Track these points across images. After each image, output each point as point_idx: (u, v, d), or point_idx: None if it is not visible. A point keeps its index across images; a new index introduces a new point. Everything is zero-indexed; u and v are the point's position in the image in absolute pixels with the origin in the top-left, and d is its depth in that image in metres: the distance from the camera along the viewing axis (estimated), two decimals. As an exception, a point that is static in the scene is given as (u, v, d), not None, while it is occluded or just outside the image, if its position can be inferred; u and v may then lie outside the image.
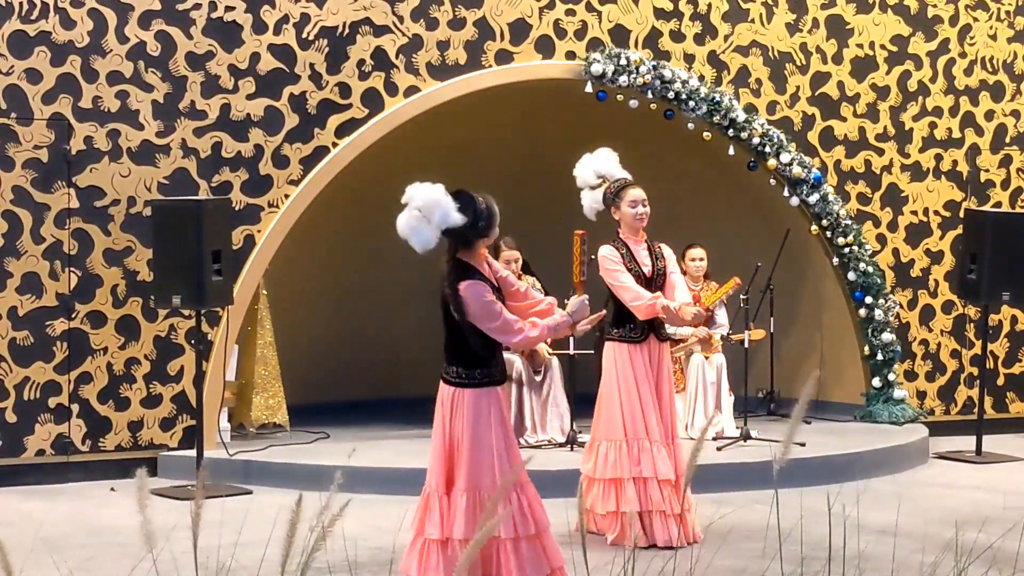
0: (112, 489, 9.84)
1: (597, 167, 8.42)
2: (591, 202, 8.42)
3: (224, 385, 10.45)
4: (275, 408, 10.98)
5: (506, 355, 10.84)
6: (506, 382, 7.30)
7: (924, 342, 12.33)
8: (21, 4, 10.00)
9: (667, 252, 8.34)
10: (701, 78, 11.51)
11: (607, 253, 8.13)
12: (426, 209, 6.51)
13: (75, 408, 10.20)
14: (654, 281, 8.11)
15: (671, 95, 11.29)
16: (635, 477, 7.96)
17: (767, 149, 11.54)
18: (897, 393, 11.88)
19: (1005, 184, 12.51)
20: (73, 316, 10.18)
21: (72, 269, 10.17)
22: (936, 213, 12.35)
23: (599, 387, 8.35)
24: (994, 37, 12.41)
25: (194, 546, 3.28)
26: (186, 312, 10.16)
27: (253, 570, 4.59)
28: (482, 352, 6.54)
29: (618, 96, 11.21)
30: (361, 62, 10.76)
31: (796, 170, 11.61)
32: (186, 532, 3.27)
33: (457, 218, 6.50)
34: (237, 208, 10.43)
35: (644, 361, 8.10)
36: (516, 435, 10.60)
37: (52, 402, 10.14)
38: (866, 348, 11.92)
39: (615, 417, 8.04)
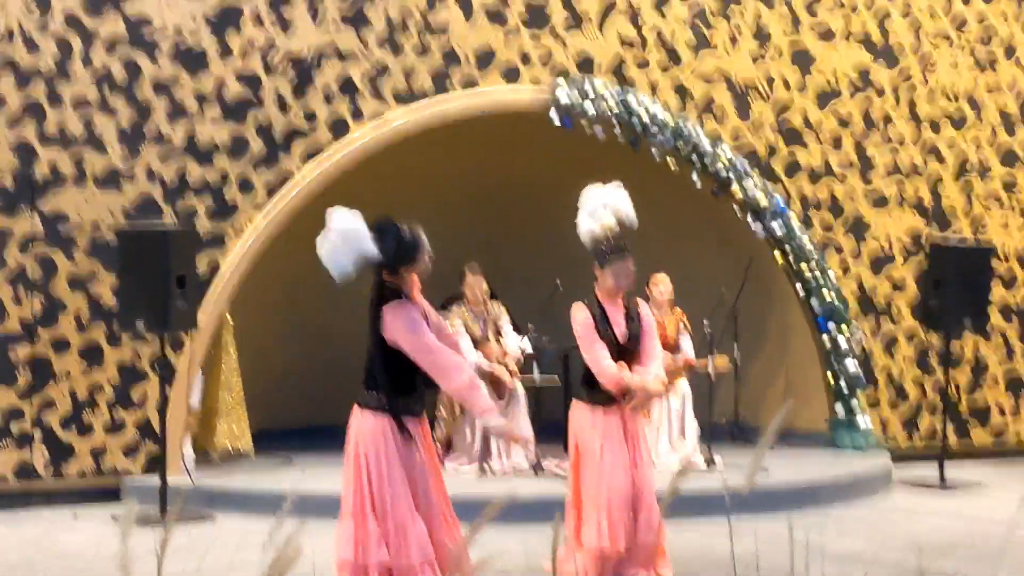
0: (74, 516, 9.78)
1: (608, 201, 7.96)
2: (587, 225, 7.94)
3: (188, 411, 10.41)
4: (239, 434, 10.94)
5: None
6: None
7: (887, 370, 12.39)
8: (-14, 29, 9.98)
9: (644, 313, 7.83)
10: (666, 106, 11.56)
11: (579, 316, 7.64)
12: (342, 238, 6.44)
13: (37, 434, 10.15)
14: (626, 347, 7.66)
15: (636, 123, 11.32)
16: (599, 547, 7.62)
17: (731, 177, 11.60)
18: (860, 421, 11.92)
19: (967, 213, 12.59)
20: (36, 341, 10.13)
21: (35, 294, 10.13)
22: (899, 241, 12.42)
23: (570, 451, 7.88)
24: (956, 66, 12.51)
25: (158, 573, 3.26)
26: (149, 338, 10.13)
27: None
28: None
29: (583, 124, 11.25)
30: (327, 87, 10.77)
31: (760, 198, 11.67)
32: (152, 559, 3.26)
33: (371, 249, 6.42)
34: (202, 234, 10.41)
35: (618, 424, 7.63)
36: (480, 461, 10.64)
37: (15, 428, 10.09)
38: (830, 376, 11.97)
39: (601, 488, 7.55)
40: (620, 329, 7.66)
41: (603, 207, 7.86)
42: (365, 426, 6.52)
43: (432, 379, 6.45)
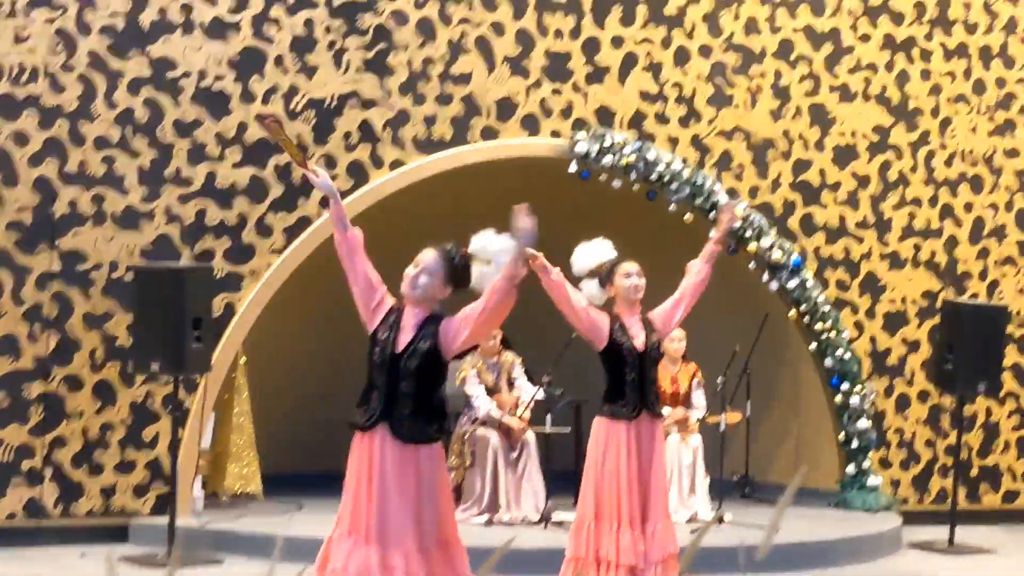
0: (82, 555, 9.78)
1: (595, 255, 8.25)
2: (592, 291, 8.19)
3: (199, 453, 10.42)
4: (249, 477, 10.93)
5: (481, 431, 10.86)
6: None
7: (899, 430, 12.36)
8: (11, 67, 10.06)
9: (656, 317, 8.08)
10: (684, 161, 11.60)
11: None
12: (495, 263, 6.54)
13: (48, 472, 10.16)
14: (647, 355, 7.90)
15: (654, 176, 11.37)
16: (600, 559, 7.79)
17: (748, 233, 11.62)
18: (871, 481, 11.88)
19: (983, 275, 12.59)
20: (50, 379, 10.15)
21: (51, 332, 10.16)
22: (914, 302, 12.42)
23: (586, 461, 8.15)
24: (974, 130, 12.54)
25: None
26: (163, 378, 10.15)
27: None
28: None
29: (601, 176, 11.29)
30: (348, 134, 10.83)
31: (776, 255, 11.69)
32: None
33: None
34: (219, 276, 10.45)
35: (632, 439, 7.82)
36: (490, 512, 10.63)
37: (25, 465, 10.10)
38: (841, 435, 11.95)
39: (590, 496, 7.91)
40: (638, 339, 7.88)
41: (595, 263, 8.17)
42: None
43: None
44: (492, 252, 7.08)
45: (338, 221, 6.50)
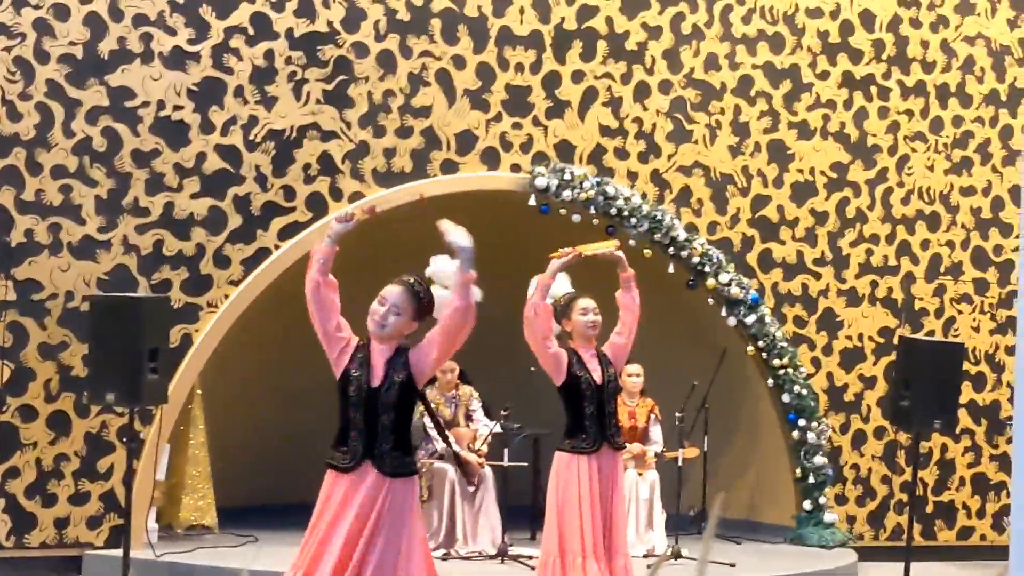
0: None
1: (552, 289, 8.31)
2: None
3: (154, 484, 10.34)
4: (204, 509, 10.86)
5: (438, 464, 10.83)
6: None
7: (855, 466, 12.39)
8: (-31, 94, 10.00)
9: (608, 351, 8.13)
10: (644, 196, 11.63)
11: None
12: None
13: (1, 503, 10.06)
14: (605, 388, 7.93)
15: (613, 211, 11.40)
16: None
17: (707, 269, 11.65)
18: (827, 517, 11.90)
19: (939, 313, 12.65)
20: (4, 409, 10.06)
21: (5, 362, 10.08)
22: (871, 339, 12.47)
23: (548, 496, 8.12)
24: (931, 168, 12.62)
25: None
26: (119, 409, 10.08)
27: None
28: None
29: (561, 210, 11.31)
30: (307, 166, 10.81)
31: (734, 291, 11.72)
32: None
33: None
34: (176, 306, 10.39)
35: (593, 473, 7.82)
36: (447, 546, 10.58)
37: (-22, 496, 10.01)
38: (798, 470, 11.97)
39: (553, 531, 7.88)
40: (596, 372, 7.92)
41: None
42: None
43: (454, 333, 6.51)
44: (448, 275, 7.19)
45: (324, 262, 6.48)
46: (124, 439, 10.03)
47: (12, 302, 10.11)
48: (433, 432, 10.91)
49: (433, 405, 11.00)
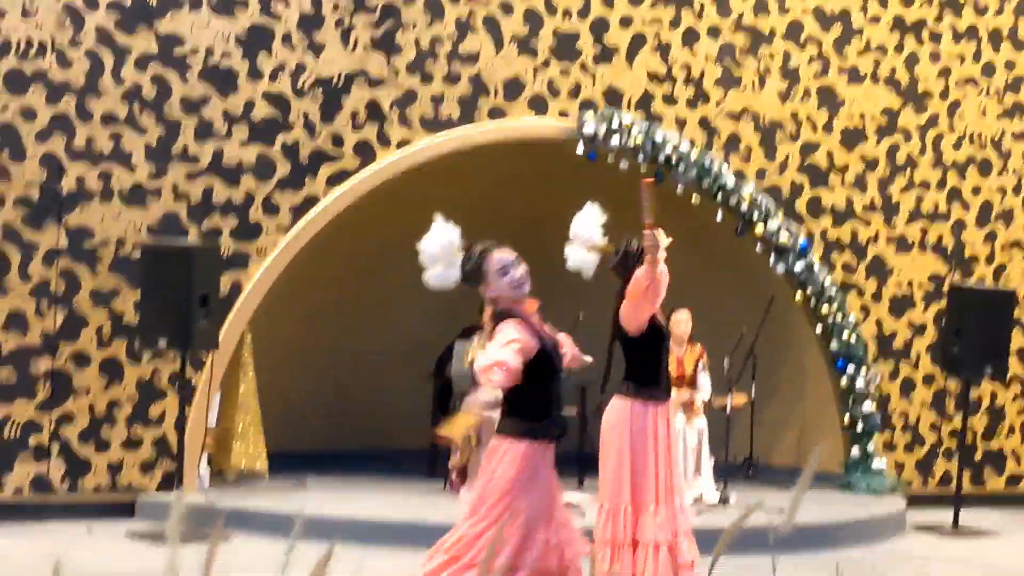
0: (89, 530, 9.80)
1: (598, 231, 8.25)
2: (583, 260, 8.22)
3: (205, 430, 10.44)
4: (254, 455, 10.95)
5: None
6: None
7: (904, 414, 12.36)
8: (19, 42, 10.05)
9: None
10: (692, 142, 11.59)
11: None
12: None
13: (55, 448, 10.18)
14: (666, 336, 8.06)
15: (662, 158, 11.36)
16: (634, 542, 7.75)
17: (755, 216, 11.61)
18: (875, 464, 11.89)
19: (989, 259, 12.57)
20: (57, 356, 10.17)
21: (58, 308, 10.17)
22: (920, 286, 12.41)
23: (602, 444, 8.04)
24: (983, 113, 12.51)
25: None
26: (170, 356, 10.17)
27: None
28: None
29: (609, 157, 11.27)
30: (355, 113, 10.82)
31: (783, 238, 11.68)
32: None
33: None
34: (226, 254, 10.45)
35: (664, 420, 7.84)
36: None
37: (33, 441, 10.12)
38: (846, 418, 11.95)
39: (624, 479, 7.78)
40: (663, 319, 7.99)
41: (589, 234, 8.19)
42: None
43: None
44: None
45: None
46: (176, 385, 10.13)
47: (64, 249, 10.19)
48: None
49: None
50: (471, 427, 7.16)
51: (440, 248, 7.40)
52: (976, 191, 12.52)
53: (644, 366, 7.88)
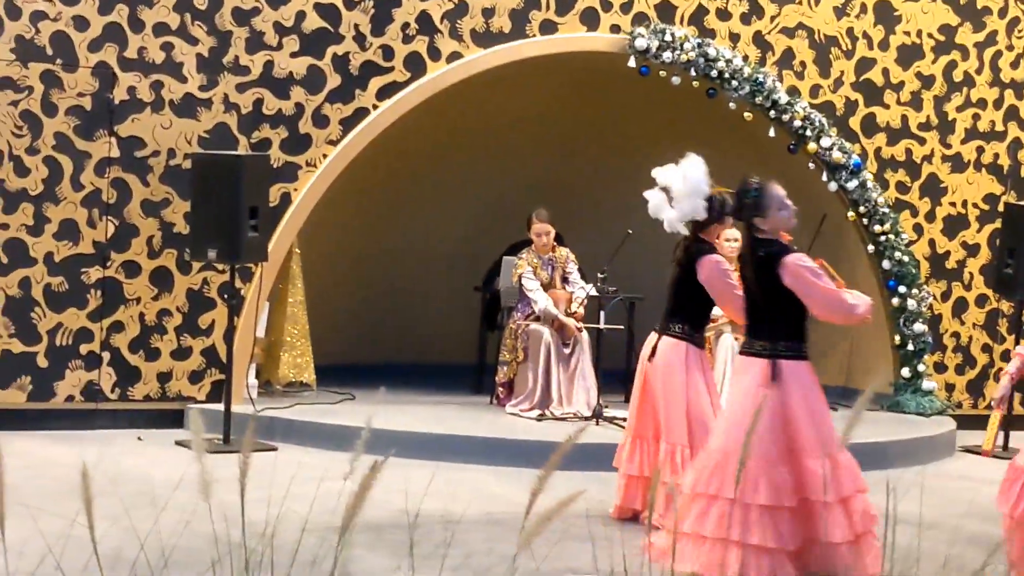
0: (139, 438, 9.90)
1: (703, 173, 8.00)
2: (661, 208, 7.98)
3: (254, 341, 10.49)
4: (303, 367, 11.00)
5: (534, 326, 10.88)
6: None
7: (955, 335, 12.29)
8: (71, -49, 10.02)
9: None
10: (745, 58, 11.47)
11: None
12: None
13: (106, 356, 10.25)
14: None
15: (714, 74, 11.25)
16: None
17: (808, 133, 11.51)
18: (926, 384, 11.84)
19: (1046, 180, 12.43)
20: (108, 264, 10.22)
21: (109, 218, 10.21)
22: (975, 206, 12.29)
23: (669, 385, 7.84)
24: (1043, 31, 12.32)
25: (241, 496, 3.29)
26: (220, 266, 10.20)
27: (286, 523, 4.62)
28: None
29: (661, 72, 11.17)
30: (405, 25, 10.75)
31: (836, 155, 11.57)
32: (216, 485, 3.30)
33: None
34: (275, 165, 10.45)
35: (705, 363, 8.02)
36: (541, 407, 10.66)
37: (83, 349, 10.20)
38: (897, 338, 11.89)
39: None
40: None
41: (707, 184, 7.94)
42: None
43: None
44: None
45: None
46: (225, 296, 10.17)
47: (116, 159, 10.21)
48: (532, 294, 10.95)
49: (530, 268, 11.03)
50: None
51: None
52: (1033, 110, 12.36)
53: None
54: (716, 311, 10.91)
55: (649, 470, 7.90)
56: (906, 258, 11.78)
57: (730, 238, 11.25)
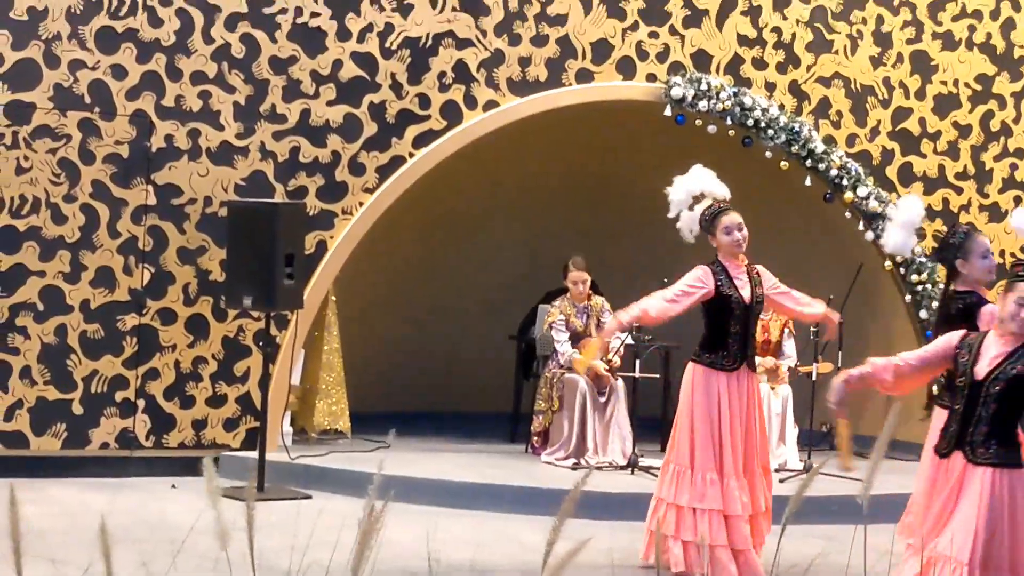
0: (173, 486, 9.90)
1: (692, 187, 8.23)
2: (688, 224, 8.19)
3: (289, 389, 10.49)
4: (338, 415, 11.00)
5: (570, 375, 10.85)
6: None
7: (994, 385, 12.17)
8: (111, 1, 10.11)
9: (764, 273, 8.11)
10: (781, 107, 11.46)
11: (697, 273, 7.88)
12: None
13: (141, 403, 10.28)
14: (752, 308, 7.93)
15: (750, 122, 11.24)
16: (695, 508, 7.75)
17: (844, 182, 11.47)
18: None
19: (1084, 230, 12.33)
20: (144, 312, 10.25)
21: (146, 265, 10.25)
22: (1012, 255, 12.21)
23: (678, 407, 8.09)
24: (1081, 81, 12.26)
25: (250, 546, 3.28)
26: (255, 314, 10.22)
27: (311, 573, 4.60)
28: None
29: (697, 121, 11.17)
30: (442, 74, 10.79)
31: (873, 204, 11.53)
32: (244, 532, 3.28)
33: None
34: (311, 213, 10.48)
35: (732, 390, 7.82)
36: (577, 455, 10.61)
37: (119, 396, 10.22)
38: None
39: (685, 444, 7.84)
40: (746, 291, 7.91)
41: (691, 197, 8.21)
42: None
43: None
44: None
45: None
46: (260, 343, 10.18)
47: (152, 206, 10.26)
48: (558, 345, 10.92)
49: (564, 316, 11.01)
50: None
51: (914, 217, 7.70)
52: (1072, 160, 12.28)
53: (712, 332, 7.91)
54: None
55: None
56: (943, 308, 11.69)
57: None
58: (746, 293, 7.88)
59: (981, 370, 5.98)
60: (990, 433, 5.94)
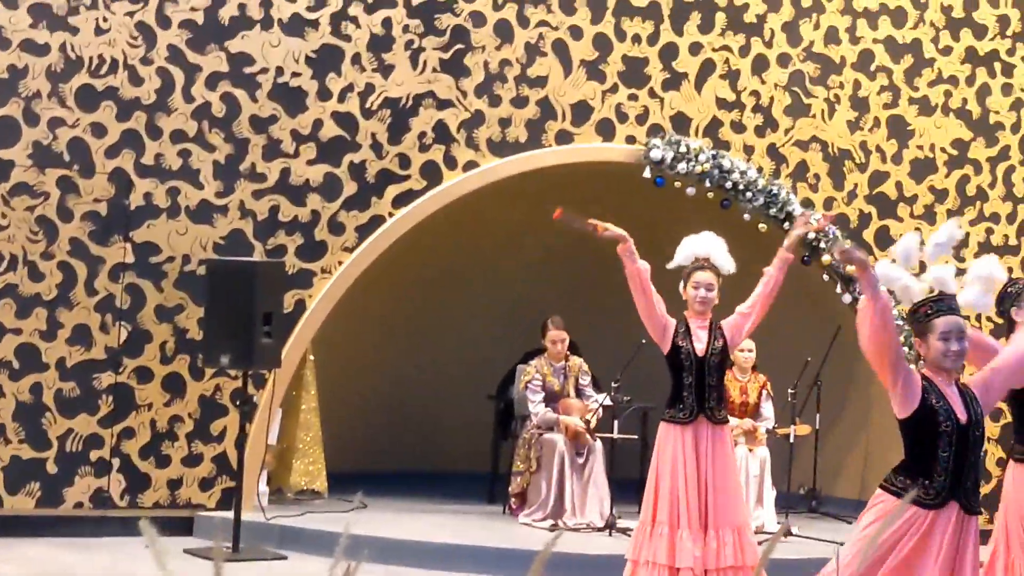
0: (147, 546, 9.80)
1: (698, 251, 8.36)
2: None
3: (266, 448, 10.44)
4: (315, 474, 10.95)
5: (548, 435, 10.83)
6: None
7: (971, 448, 12.18)
8: (91, 58, 10.13)
9: (727, 326, 8.16)
10: (759, 170, 11.52)
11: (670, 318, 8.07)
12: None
13: (116, 462, 10.22)
14: (707, 360, 7.98)
15: (729, 185, 11.29)
16: (648, 561, 7.81)
17: (822, 245, 11.52)
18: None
19: (1060, 294, 12.38)
20: (120, 370, 10.21)
21: (123, 323, 10.22)
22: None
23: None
24: (1056, 146, 12.35)
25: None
26: (233, 373, 10.19)
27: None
28: None
29: (676, 183, 11.22)
30: (422, 134, 10.83)
31: (850, 268, 11.56)
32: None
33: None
34: (290, 272, 10.47)
35: (687, 443, 7.88)
36: (555, 517, 10.58)
37: (93, 455, 10.16)
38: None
39: (650, 499, 7.94)
40: (700, 344, 8.00)
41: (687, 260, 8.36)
42: None
43: None
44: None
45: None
46: (237, 402, 10.14)
47: (130, 264, 10.24)
48: (531, 405, 10.91)
49: (541, 376, 11.00)
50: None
51: (994, 273, 7.71)
52: (1048, 225, 12.36)
53: (672, 386, 8.09)
54: (731, 421, 10.89)
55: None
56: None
57: (743, 348, 11.23)
58: (699, 347, 7.97)
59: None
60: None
